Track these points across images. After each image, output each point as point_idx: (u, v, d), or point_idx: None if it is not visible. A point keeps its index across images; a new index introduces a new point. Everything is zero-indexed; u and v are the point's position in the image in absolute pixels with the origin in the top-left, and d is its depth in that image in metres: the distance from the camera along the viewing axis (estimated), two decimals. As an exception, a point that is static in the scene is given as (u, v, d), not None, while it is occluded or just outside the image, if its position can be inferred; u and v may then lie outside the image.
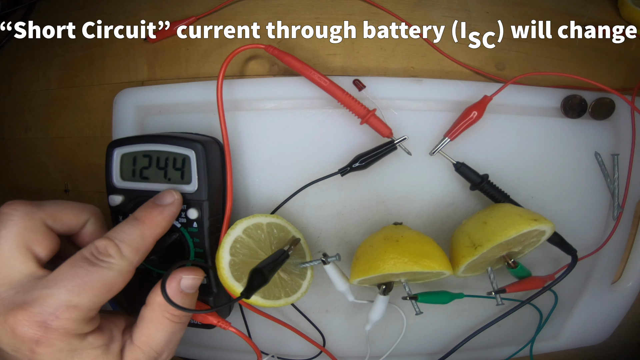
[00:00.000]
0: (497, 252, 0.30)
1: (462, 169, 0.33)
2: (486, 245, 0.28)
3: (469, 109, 0.33)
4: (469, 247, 0.29)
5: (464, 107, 0.34)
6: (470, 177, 0.33)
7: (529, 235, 0.29)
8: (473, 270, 0.32)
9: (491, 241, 0.28)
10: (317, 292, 0.37)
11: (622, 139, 0.35)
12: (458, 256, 0.30)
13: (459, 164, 0.33)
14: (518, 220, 0.28)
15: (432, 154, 0.33)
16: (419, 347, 0.38)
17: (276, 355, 0.38)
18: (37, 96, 0.42)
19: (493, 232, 0.28)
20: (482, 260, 0.30)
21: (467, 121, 0.32)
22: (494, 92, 0.33)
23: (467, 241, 0.30)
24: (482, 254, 0.29)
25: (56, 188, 0.42)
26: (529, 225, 0.28)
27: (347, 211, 0.36)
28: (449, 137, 0.33)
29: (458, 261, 0.30)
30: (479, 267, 0.32)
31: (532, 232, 0.29)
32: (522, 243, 0.30)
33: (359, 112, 0.32)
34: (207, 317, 0.31)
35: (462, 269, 0.30)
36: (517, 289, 0.31)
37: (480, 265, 0.32)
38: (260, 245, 0.31)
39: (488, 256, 0.30)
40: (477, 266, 0.31)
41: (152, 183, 0.32)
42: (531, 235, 0.29)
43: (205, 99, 0.35)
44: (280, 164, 0.35)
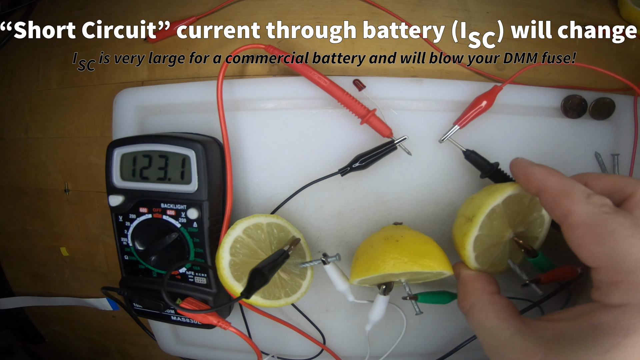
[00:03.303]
0: (502, 231, 0.29)
1: (472, 156, 0.33)
2: (479, 213, 0.27)
3: (479, 98, 0.33)
4: (466, 222, 0.28)
5: (464, 107, 0.34)
6: (481, 165, 0.32)
7: (521, 203, 0.28)
8: (490, 262, 0.29)
9: (482, 207, 0.27)
10: (317, 292, 0.37)
11: (622, 139, 0.35)
12: (460, 237, 0.29)
13: (468, 151, 0.33)
14: (502, 186, 0.28)
15: (441, 141, 0.33)
16: (419, 347, 0.38)
17: (276, 355, 0.38)
18: (37, 96, 0.42)
19: (481, 200, 0.28)
20: (491, 243, 0.29)
21: (476, 110, 0.32)
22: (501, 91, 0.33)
23: (462, 219, 0.29)
24: (480, 225, 0.27)
25: (56, 188, 0.42)
26: (513, 188, 0.27)
27: (347, 211, 0.36)
28: (458, 124, 0.33)
29: (463, 243, 0.28)
30: (494, 257, 0.30)
31: (521, 198, 0.28)
32: (523, 220, 0.29)
33: (359, 112, 0.32)
34: (207, 317, 0.31)
35: (472, 254, 0.28)
36: (552, 278, 0.29)
37: (494, 254, 0.29)
38: (260, 245, 0.31)
39: (493, 236, 0.29)
40: (490, 254, 0.29)
41: (152, 183, 0.32)
42: (527, 207, 0.28)
43: (205, 99, 0.35)
44: (280, 164, 0.35)
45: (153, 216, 0.32)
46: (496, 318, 0.24)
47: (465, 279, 0.28)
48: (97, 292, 0.44)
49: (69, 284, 0.45)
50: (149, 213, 0.32)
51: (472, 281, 0.27)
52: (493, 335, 0.23)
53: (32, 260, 0.45)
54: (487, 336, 0.24)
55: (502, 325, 0.23)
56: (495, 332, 0.23)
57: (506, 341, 0.22)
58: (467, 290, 0.27)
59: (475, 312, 0.25)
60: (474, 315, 0.25)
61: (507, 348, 0.22)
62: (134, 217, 0.32)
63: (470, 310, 0.26)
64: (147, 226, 0.32)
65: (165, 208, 0.32)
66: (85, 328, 0.47)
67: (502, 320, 0.24)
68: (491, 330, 0.24)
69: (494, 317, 0.24)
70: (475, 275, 0.28)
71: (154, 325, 0.40)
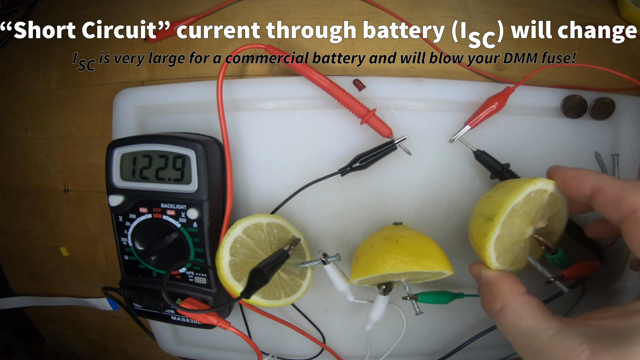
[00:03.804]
0: (523, 229, 0.28)
1: (483, 156, 0.33)
2: (500, 212, 0.26)
3: (491, 99, 0.33)
4: (486, 222, 0.27)
5: (464, 107, 0.34)
6: (491, 165, 0.32)
7: (540, 199, 0.27)
8: (510, 261, 0.29)
9: (503, 206, 0.26)
10: (317, 292, 0.37)
11: (622, 139, 0.35)
12: (480, 237, 0.28)
13: (479, 151, 0.33)
14: (519, 183, 0.27)
15: (451, 141, 0.33)
16: (419, 347, 0.38)
17: (276, 355, 0.38)
18: (37, 96, 0.42)
19: (501, 199, 0.27)
20: (512, 242, 0.28)
21: (488, 111, 0.32)
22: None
23: (481, 219, 0.28)
24: (501, 225, 0.27)
25: (56, 188, 0.42)
26: (531, 183, 0.26)
27: (347, 211, 0.35)
28: (469, 124, 0.33)
29: (484, 244, 0.27)
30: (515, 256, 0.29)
31: (541, 194, 0.27)
32: (543, 216, 0.28)
33: (359, 112, 0.32)
34: (207, 317, 0.31)
35: (493, 255, 0.27)
36: (575, 274, 0.28)
37: (515, 253, 0.29)
38: (260, 245, 0.31)
39: (514, 234, 0.28)
40: (511, 253, 0.28)
41: (152, 183, 0.32)
42: (547, 202, 0.27)
43: (205, 99, 0.35)
44: (280, 164, 0.35)
45: (153, 216, 0.32)
46: (531, 319, 0.23)
47: (491, 280, 0.27)
48: (97, 292, 0.44)
49: (69, 284, 0.45)
50: (149, 213, 0.32)
51: (499, 282, 0.27)
52: (530, 336, 0.23)
53: (32, 260, 0.45)
54: (522, 338, 0.23)
55: (540, 326, 0.23)
56: (532, 333, 0.23)
57: (547, 341, 0.22)
58: (494, 292, 0.26)
59: (507, 313, 0.25)
60: (505, 316, 0.25)
61: (549, 348, 0.22)
62: (134, 217, 0.32)
63: (500, 312, 0.25)
64: (147, 226, 0.32)
65: (165, 208, 0.32)
66: (85, 328, 0.47)
67: (538, 321, 0.23)
68: (527, 331, 0.23)
69: (529, 317, 0.24)
70: (500, 276, 0.27)
71: (154, 325, 0.40)
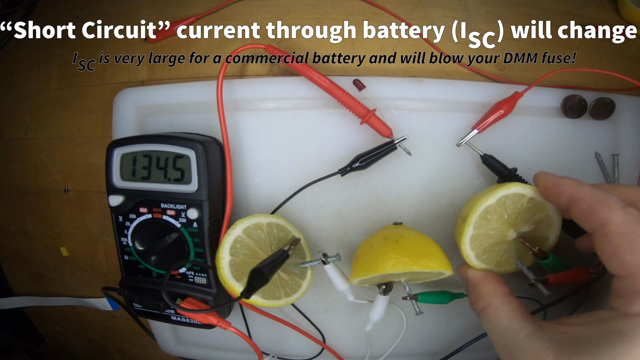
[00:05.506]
0: (503, 231, 0.28)
1: (490, 160, 0.33)
2: (471, 213, 0.28)
3: (499, 104, 0.33)
4: (461, 223, 0.29)
5: (464, 107, 0.34)
6: (498, 169, 0.32)
7: (519, 203, 0.28)
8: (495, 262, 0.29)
9: (474, 207, 0.28)
10: (317, 292, 0.37)
11: (622, 139, 0.35)
12: (457, 236, 0.29)
13: (486, 155, 0.33)
14: (495, 186, 0.28)
15: (459, 145, 0.33)
16: (419, 347, 0.38)
17: (276, 355, 0.38)
18: (37, 96, 0.42)
19: (474, 201, 0.28)
20: (493, 242, 0.28)
21: (496, 116, 0.32)
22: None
23: (460, 220, 0.29)
24: (473, 224, 0.28)
25: (56, 188, 0.42)
26: (504, 187, 0.27)
27: (347, 211, 0.35)
28: (477, 129, 0.33)
29: (459, 242, 0.28)
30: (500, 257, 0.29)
31: (519, 198, 0.27)
32: (526, 220, 0.28)
33: (359, 112, 0.32)
34: (207, 317, 0.31)
35: (471, 253, 0.28)
36: (562, 280, 0.28)
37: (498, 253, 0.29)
38: (260, 245, 0.31)
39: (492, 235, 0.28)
40: (493, 253, 0.29)
41: (152, 183, 0.32)
42: (526, 207, 0.28)
43: (205, 99, 0.35)
44: (280, 164, 0.35)
45: (153, 216, 0.32)
46: (510, 319, 0.24)
47: (476, 280, 0.28)
48: (97, 292, 0.44)
49: (69, 284, 0.45)
50: (149, 213, 0.32)
51: (484, 282, 0.28)
52: (506, 336, 0.24)
53: (32, 260, 0.45)
54: (500, 337, 0.25)
55: (515, 326, 0.24)
56: (508, 333, 0.24)
57: (519, 342, 0.23)
58: (479, 292, 0.27)
59: (489, 313, 0.26)
60: (487, 316, 0.26)
61: (520, 349, 0.23)
62: (134, 217, 0.32)
63: (483, 311, 0.26)
64: (147, 226, 0.32)
65: (165, 208, 0.32)
66: (85, 328, 0.47)
67: (515, 321, 0.24)
68: (505, 331, 0.24)
69: (508, 318, 0.25)
70: (485, 276, 0.28)
71: (154, 325, 0.40)
